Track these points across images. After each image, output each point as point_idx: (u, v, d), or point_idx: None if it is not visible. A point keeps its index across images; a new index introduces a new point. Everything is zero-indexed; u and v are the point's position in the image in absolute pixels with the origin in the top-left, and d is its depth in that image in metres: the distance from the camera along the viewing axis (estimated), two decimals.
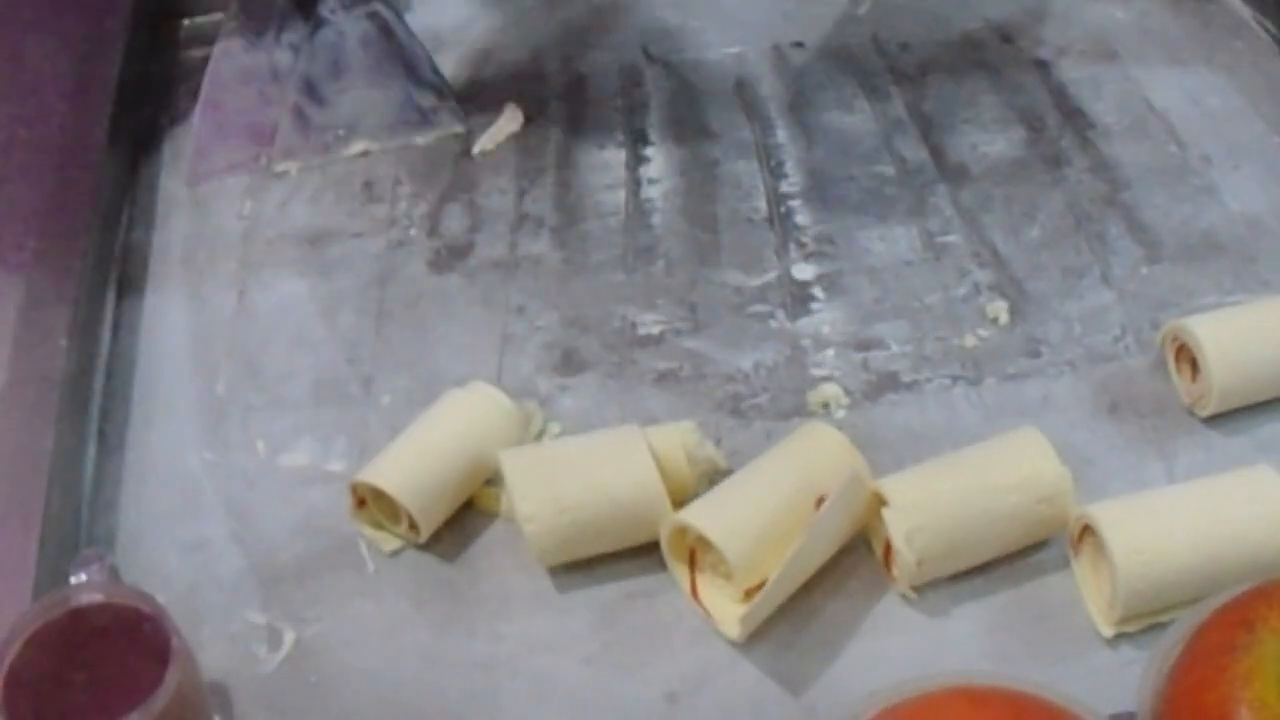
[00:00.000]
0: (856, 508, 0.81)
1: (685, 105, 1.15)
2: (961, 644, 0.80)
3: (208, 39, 1.17)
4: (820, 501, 0.80)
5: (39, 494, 0.85)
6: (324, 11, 1.14)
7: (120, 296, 1.03)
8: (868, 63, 1.18)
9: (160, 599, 0.75)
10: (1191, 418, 0.90)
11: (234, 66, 1.14)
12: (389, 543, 0.86)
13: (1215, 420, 0.90)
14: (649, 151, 1.11)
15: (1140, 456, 0.88)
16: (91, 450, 0.92)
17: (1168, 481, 0.87)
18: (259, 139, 1.13)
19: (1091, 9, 1.23)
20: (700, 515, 0.80)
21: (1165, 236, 1.02)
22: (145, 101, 1.16)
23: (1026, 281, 0.99)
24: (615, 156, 1.10)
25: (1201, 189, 1.05)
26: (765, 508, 0.81)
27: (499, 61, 1.20)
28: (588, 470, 0.83)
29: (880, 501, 0.81)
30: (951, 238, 1.02)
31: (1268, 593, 0.70)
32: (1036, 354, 0.95)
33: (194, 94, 1.14)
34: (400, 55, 1.15)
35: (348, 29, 1.15)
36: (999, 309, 0.97)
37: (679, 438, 0.84)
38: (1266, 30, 1.19)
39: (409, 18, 1.16)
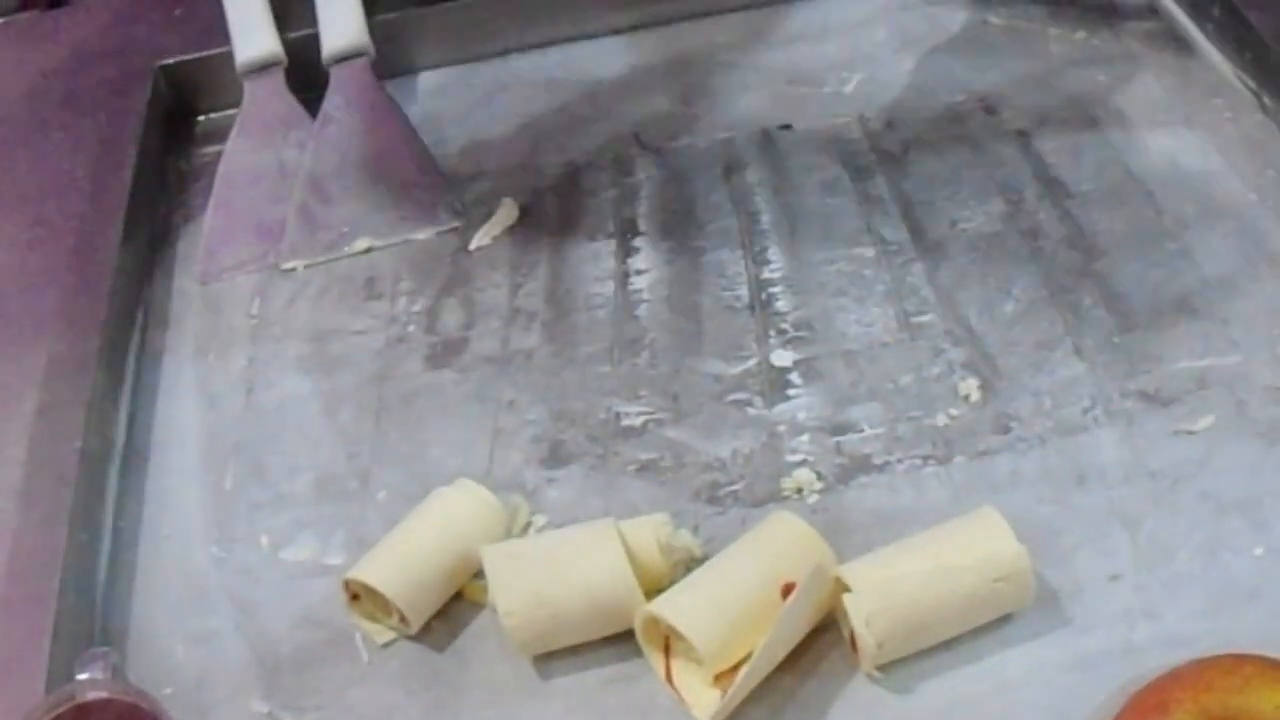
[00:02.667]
0: (821, 597, 0.85)
1: (674, 193, 1.19)
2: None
3: (222, 135, 1.23)
4: (787, 589, 0.83)
5: (53, 590, 0.90)
6: (330, 108, 1.18)
7: (134, 394, 1.08)
8: (852, 143, 1.21)
9: (169, 690, 0.84)
10: (1158, 485, 0.92)
11: (243, 165, 1.19)
12: (382, 635, 0.90)
13: (1181, 485, 0.92)
14: (638, 242, 1.14)
15: (1106, 526, 0.91)
16: (105, 546, 0.97)
17: (1132, 551, 0.89)
18: (267, 237, 1.17)
19: (1073, 75, 1.26)
20: (669, 606, 0.84)
21: (1138, 304, 1.04)
22: (159, 200, 1.21)
23: (999, 358, 1.01)
24: (605, 248, 1.14)
25: (1176, 253, 1.07)
26: (732, 597, 0.84)
27: (496, 153, 1.24)
28: (563, 565, 0.87)
29: (842, 587, 0.84)
30: (927, 317, 1.05)
31: (1180, 676, 0.73)
32: (1006, 430, 0.97)
33: (207, 192, 1.19)
34: (403, 152, 1.18)
35: (352, 126, 1.18)
36: (970, 387, 0.99)
37: (652, 531, 0.88)
38: (1246, 86, 1.20)
39: (409, 110, 1.20)
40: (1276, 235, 1.08)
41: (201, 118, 1.34)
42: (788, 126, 1.23)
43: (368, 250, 1.17)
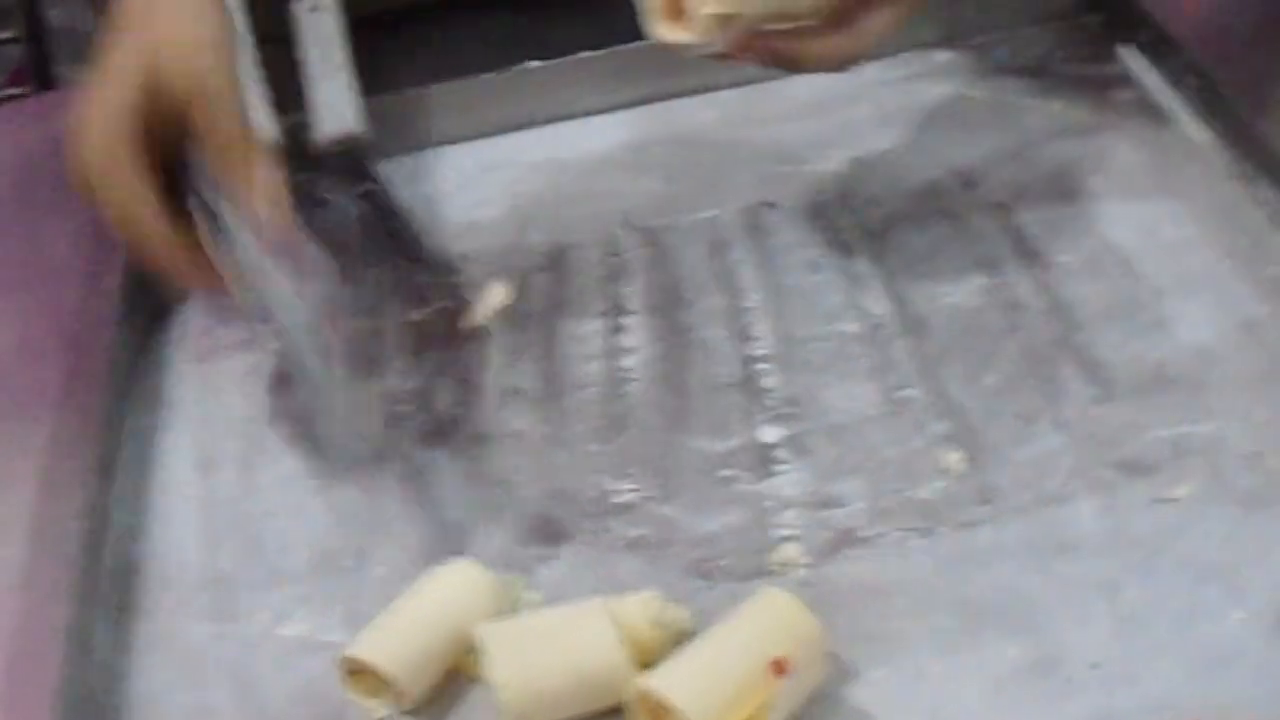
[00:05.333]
0: (814, 672, 0.87)
1: (662, 273, 1.21)
2: None
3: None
4: (776, 665, 0.85)
5: (55, 666, 0.92)
6: (321, 192, 1.20)
7: (132, 472, 1.10)
8: (836, 220, 1.23)
9: None
10: (1137, 553, 0.94)
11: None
12: (378, 709, 0.92)
13: (1160, 553, 0.95)
14: (626, 321, 1.16)
15: (1086, 595, 0.93)
16: (105, 625, 0.99)
17: (1111, 618, 0.91)
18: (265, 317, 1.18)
19: (1051, 147, 1.28)
20: (661, 680, 0.86)
21: (1117, 374, 1.06)
22: (156, 279, 1.22)
23: (981, 430, 1.03)
24: (594, 327, 1.16)
25: (1153, 323, 1.09)
26: (723, 671, 0.86)
27: (486, 233, 1.26)
28: (556, 640, 0.89)
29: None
30: (910, 391, 1.07)
31: None
32: (988, 501, 0.99)
33: None
34: (397, 234, 1.21)
35: (346, 210, 1.20)
36: (953, 460, 1.01)
37: (640, 608, 0.90)
38: (1221, 154, 1.22)
39: (401, 190, 1.22)
40: (1251, 303, 1.10)
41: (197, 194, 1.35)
42: (772, 204, 1.24)
43: (362, 331, 1.17)
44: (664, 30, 1.02)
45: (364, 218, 1.23)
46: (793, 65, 1.06)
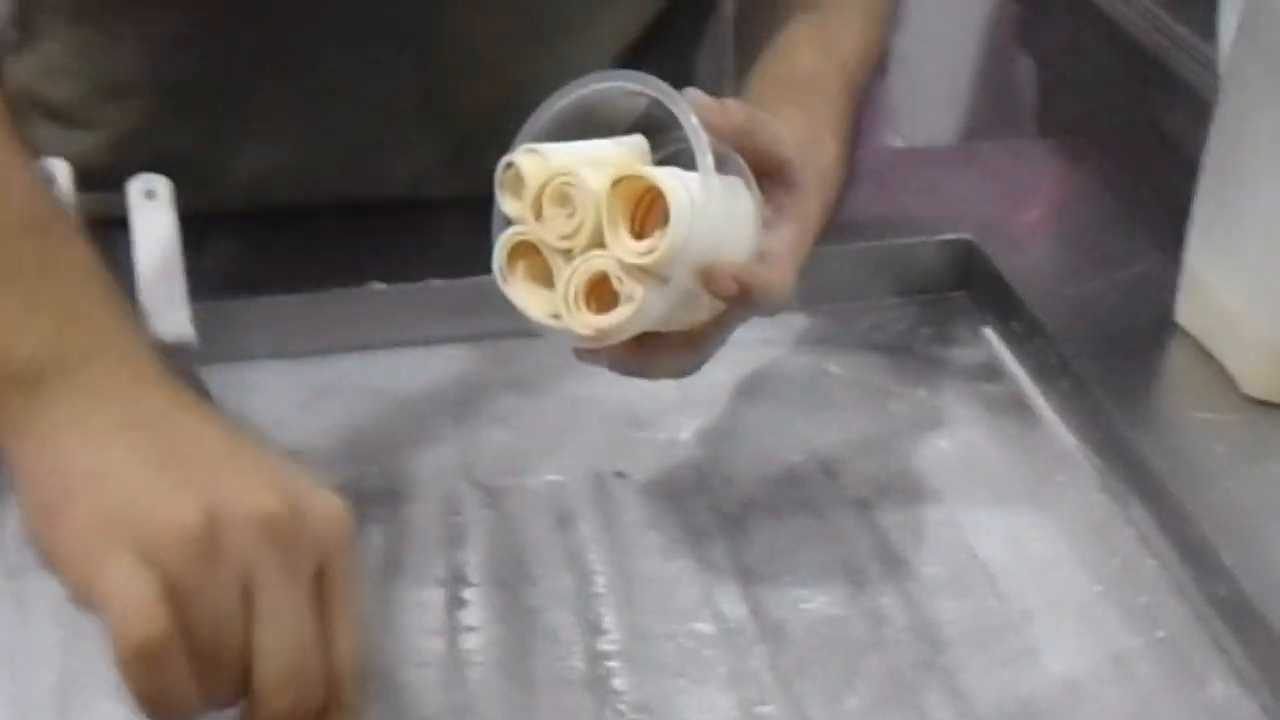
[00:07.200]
0: None
1: (505, 541, 1.14)
2: None
3: None
4: None
5: None
6: None
7: None
8: (690, 500, 1.17)
9: None
10: None
11: None
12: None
13: None
14: (468, 594, 1.09)
15: None
16: None
17: None
18: None
19: (915, 439, 1.24)
20: None
21: (983, 706, 1.01)
22: None
23: None
24: (434, 596, 1.09)
25: (1021, 650, 1.05)
26: None
27: (317, 469, 1.16)
28: None
29: None
30: (768, 708, 1.01)
31: None
32: None
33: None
34: None
35: None
36: None
37: None
38: (1090, 463, 1.20)
39: (227, 405, 1.14)
40: (1121, 633, 1.06)
41: None
42: (622, 474, 1.19)
43: None
44: (521, 296, 0.99)
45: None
46: (639, 374, 1.04)
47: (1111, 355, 1.27)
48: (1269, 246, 1.19)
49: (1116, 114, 2.18)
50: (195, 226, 1.19)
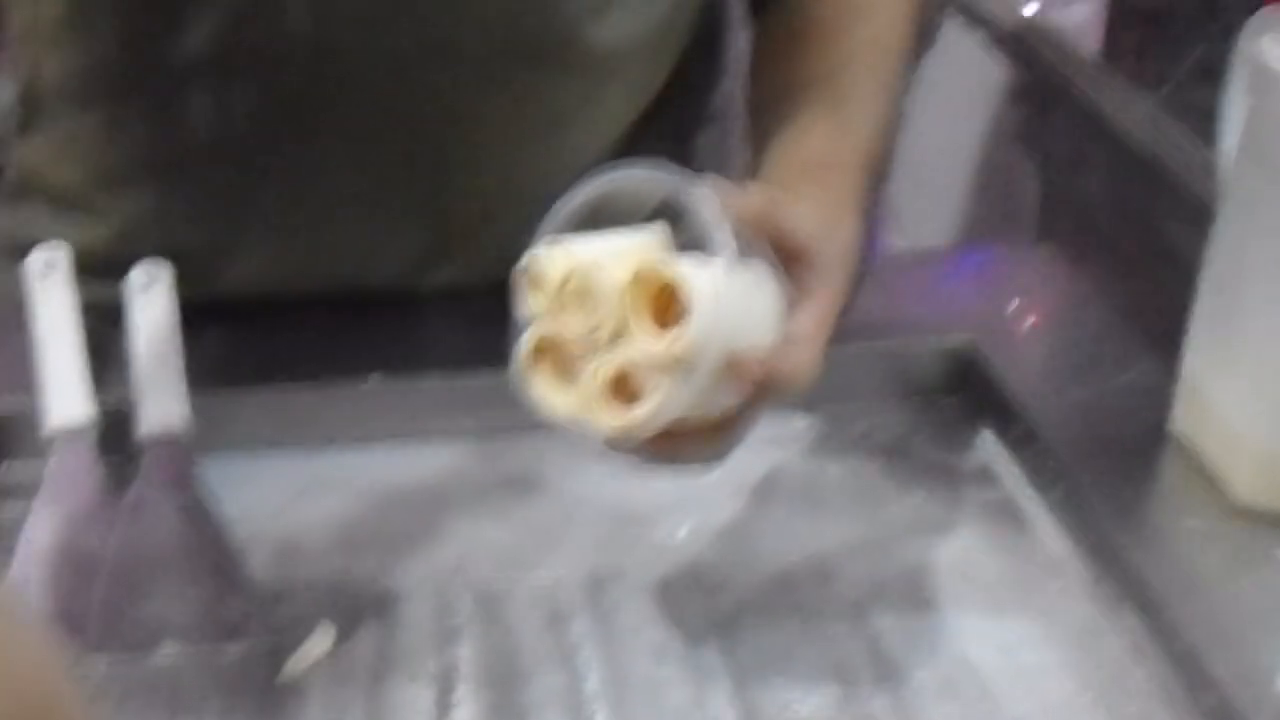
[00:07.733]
0: None
1: (497, 640, 1.13)
2: None
3: (24, 490, 1.16)
4: None
5: None
6: (141, 491, 1.12)
7: None
8: (683, 602, 1.17)
9: None
10: None
11: (46, 542, 1.12)
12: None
13: None
14: (459, 694, 1.08)
15: None
16: None
17: None
18: (70, 626, 1.10)
19: (909, 543, 1.24)
20: None
21: None
22: None
23: None
24: (424, 695, 1.08)
25: None
26: None
27: (311, 564, 1.19)
28: None
29: None
30: None
31: None
32: None
33: (5, 560, 1.11)
34: (212, 555, 1.13)
35: (162, 517, 1.12)
36: None
37: None
38: (1082, 571, 1.19)
39: (220, 496, 1.14)
40: None
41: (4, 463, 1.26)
42: (616, 575, 1.19)
43: (173, 655, 1.09)
44: (544, 394, 0.96)
45: (181, 531, 1.14)
46: (669, 463, 1.04)
47: (1106, 462, 1.26)
48: (1267, 357, 1.18)
49: (1116, 220, 2.18)
50: (194, 316, 1.19)
